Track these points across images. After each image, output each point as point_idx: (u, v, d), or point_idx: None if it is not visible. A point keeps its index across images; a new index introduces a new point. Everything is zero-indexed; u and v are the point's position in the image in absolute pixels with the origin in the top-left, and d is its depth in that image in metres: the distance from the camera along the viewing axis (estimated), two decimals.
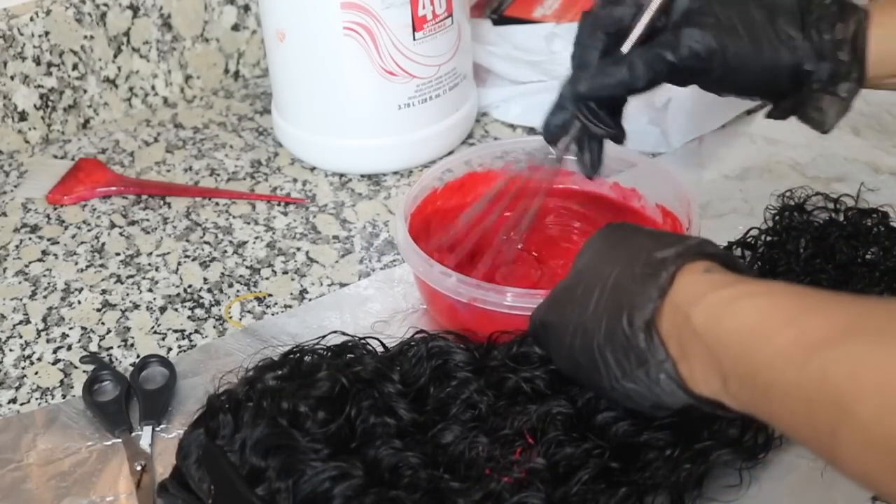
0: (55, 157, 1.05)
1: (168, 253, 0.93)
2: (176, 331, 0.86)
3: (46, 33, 1.03)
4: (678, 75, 0.73)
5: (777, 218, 0.90)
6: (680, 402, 0.60)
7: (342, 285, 0.89)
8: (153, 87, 1.11)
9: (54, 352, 0.84)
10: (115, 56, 1.08)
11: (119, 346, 0.84)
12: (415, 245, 0.81)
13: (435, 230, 0.87)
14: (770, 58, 0.72)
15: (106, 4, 1.05)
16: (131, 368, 0.81)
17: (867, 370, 0.47)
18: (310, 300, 0.88)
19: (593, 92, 0.74)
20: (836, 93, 0.72)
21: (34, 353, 0.84)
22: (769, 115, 0.76)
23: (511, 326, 0.73)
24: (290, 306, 0.87)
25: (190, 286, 0.90)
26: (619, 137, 0.76)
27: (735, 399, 0.55)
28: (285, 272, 0.91)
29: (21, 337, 0.85)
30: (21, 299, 0.89)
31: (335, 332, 0.75)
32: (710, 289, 0.57)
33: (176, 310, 0.87)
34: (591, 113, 0.74)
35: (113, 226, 0.97)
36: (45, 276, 0.91)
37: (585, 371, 0.64)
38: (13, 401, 0.80)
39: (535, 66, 1.05)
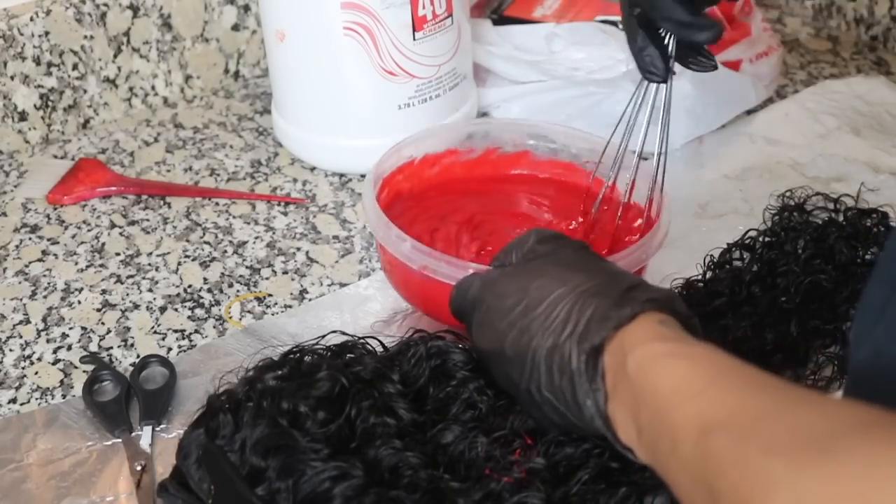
0: (55, 157, 1.05)
1: (168, 253, 0.93)
2: (176, 331, 0.86)
3: (46, 33, 1.03)
4: None
5: (777, 218, 0.90)
6: (591, 430, 0.60)
7: (342, 285, 0.89)
8: (153, 87, 1.11)
9: (54, 352, 0.84)
10: (115, 56, 1.08)
11: (119, 346, 0.84)
12: (377, 206, 0.80)
13: (405, 202, 0.88)
14: None
15: (106, 4, 1.05)
16: (131, 368, 0.81)
17: (728, 466, 0.46)
18: (310, 300, 0.88)
19: None
20: None
21: (34, 353, 0.84)
22: None
23: None
24: (290, 306, 0.87)
25: (190, 286, 0.90)
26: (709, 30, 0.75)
27: (644, 452, 0.56)
28: (285, 272, 0.91)
29: (21, 337, 0.85)
30: (21, 299, 0.89)
31: (335, 332, 0.75)
32: (649, 339, 0.57)
33: (176, 310, 0.88)
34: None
35: (113, 226, 0.97)
36: (45, 276, 0.91)
37: (507, 363, 0.64)
38: (13, 401, 0.80)
39: (535, 66, 1.05)
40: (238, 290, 0.89)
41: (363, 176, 1.01)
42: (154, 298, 0.89)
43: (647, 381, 0.55)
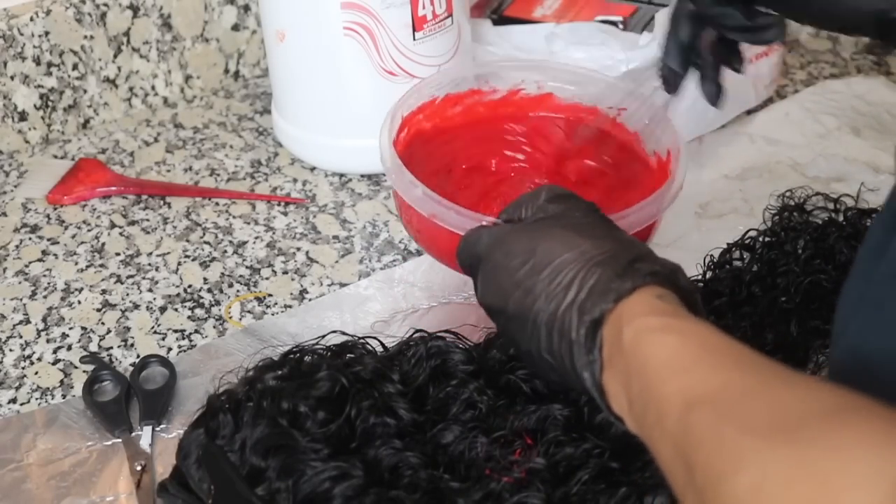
0: (55, 157, 1.05)
1: (168, 253, 0.93)
2: (176, 331, 0.86)
3: (46, 33, 1.03)
4: None
5: (777, 218, 0.90)
6: (587, 393, 0.60)
7: (342, 285, 0.89)
8: (153, 87, 1.11)
9: (54, 352, 0.84)
10: (115, 56, 1.08)
11: (119, 346, 0.84)
12: (393, 152, 0.79)
13: (426, 142, 0.87)
14: None
15: (106, 4, 1.05)
16: (131, 368, 0.81)
17: (706, 442, 0.47)
18: (310, 300, 0.88)
19: None
20: None
21: (34, 353, 0.84)
22: (870, 50, 0.72)
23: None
24: (290, 306, 0.87)
25: (190, 286, 0.90)
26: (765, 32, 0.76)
27: (633, 423, 0.56)
28: (285, 272, 0.91)
29: (21, 337, 0.85)
30: (21, 299, 0.89)
31: (335, 332, 0.75)
32: (645, 312, 0.57)
33: (176, 310, 0.88)
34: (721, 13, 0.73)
35: (113, 226, 0.97)
36: (45, 276, 0.91)
37: (510, 321, 0.63)
38: (13, 401, 0.80)
39: None
40: (238, 290, 0.89)
41: (363, 176, 1.01)
42: (154, 298, 0.89)
43: (639, 354, 0.55)
